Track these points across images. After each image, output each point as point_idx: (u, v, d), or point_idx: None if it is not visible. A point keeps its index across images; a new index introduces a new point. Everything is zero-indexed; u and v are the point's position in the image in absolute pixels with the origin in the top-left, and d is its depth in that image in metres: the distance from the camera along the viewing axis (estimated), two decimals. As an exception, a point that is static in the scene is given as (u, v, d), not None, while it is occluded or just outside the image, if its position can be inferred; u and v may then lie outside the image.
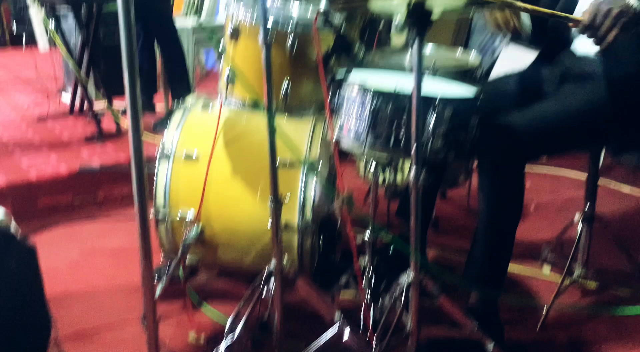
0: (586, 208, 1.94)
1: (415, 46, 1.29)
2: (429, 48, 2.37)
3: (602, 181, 2.88)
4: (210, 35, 4.06)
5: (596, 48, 1.59)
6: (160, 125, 3.67)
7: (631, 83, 1.58)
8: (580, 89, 1.64)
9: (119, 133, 3.48)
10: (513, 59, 3.39)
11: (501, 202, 1.60)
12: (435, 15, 1.24)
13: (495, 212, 1.61)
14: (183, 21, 4.33)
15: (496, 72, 3.62)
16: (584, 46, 1.72)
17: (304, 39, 1.69)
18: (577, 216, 1.96)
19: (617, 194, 2.88)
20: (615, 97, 1.58)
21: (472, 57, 2.32)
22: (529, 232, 2.36)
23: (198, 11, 4.72)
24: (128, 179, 1.22)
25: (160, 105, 3.91)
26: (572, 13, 1.69)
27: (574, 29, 1.69)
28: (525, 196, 1.62)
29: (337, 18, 1.62)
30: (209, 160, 1.88)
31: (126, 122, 3.21)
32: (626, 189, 2.91)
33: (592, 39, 1.45)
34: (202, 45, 4.29)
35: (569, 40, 1.77)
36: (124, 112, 3.67)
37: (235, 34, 1.73)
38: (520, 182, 1.60)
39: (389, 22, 2.49)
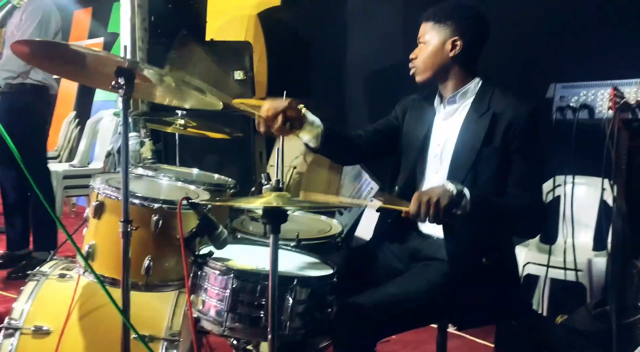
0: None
1: (271, 239, 1.38)
2: (295, 214, 2.50)
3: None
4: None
5: (438, 228, 1.80)
6: (15, 274, 3.41)
7: (463, 263, 1.75)
8: (426, 270, 1.79)
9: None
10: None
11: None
12: (287, 217, 1.35)
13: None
14: (54, 165, 4.22)
15: (363, 226, 3.87)
16: (428, 226, 1.93)
17: (168, 218, 1.72)
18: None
19: (474, 344, 3.04)
20: (455, 277, 1.74)
21: (335, 224, 2.48)
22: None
23: (71, 156, 4.64)
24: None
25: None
26: (416, 186, 1.91)
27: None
28: (389, 349, 1.66)
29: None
30: (61, 334, 1.77)
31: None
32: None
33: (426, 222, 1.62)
34: (73, 192, 4.16)
35: (414, 221, 1.97)
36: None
37: (99, 210, 1.73)
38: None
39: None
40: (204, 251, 1.67)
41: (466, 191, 1.61)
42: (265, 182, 2.34)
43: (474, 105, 1.85)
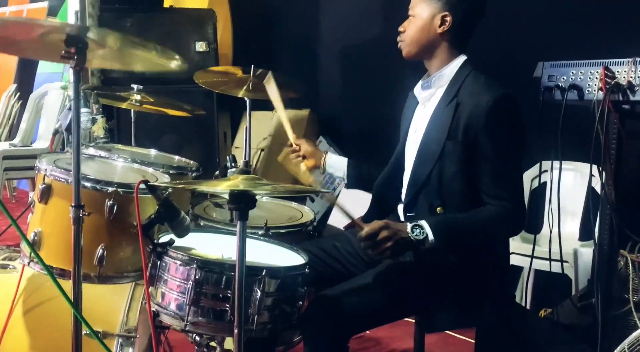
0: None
1: (238, 226, 1.39)
2: (263, 200, 2.51)
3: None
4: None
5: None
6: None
7: (428, 260, 1.78)
8: (399, 260, 1.81)
9: None
10: (352, 200, 3.67)
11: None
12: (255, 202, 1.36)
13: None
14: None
15: (337, 214, 3.90)
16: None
17: (124, 203, 1.71)
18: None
19: (453, 339, 3.11)
20: (420, 275, 1.77)
21: (306, 211, 2.49)
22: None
23: (12, 134, 4.53)
24: None
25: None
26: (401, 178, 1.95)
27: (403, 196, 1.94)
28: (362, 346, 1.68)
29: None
30: (3, 331, 1.75)
31: None
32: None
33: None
34: (13, 174, 4.07)
35: (393, 206, 2.00)
36: None
37: (46, 193, 1.71)
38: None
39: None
40: (164, 239, 1.67)
41: (430, 235, 1.67)
42: (231, 165, 2.34)
43: (446, 92, 1.86)
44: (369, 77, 3.89)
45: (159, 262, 1.62)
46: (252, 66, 2.74)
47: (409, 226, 1.70)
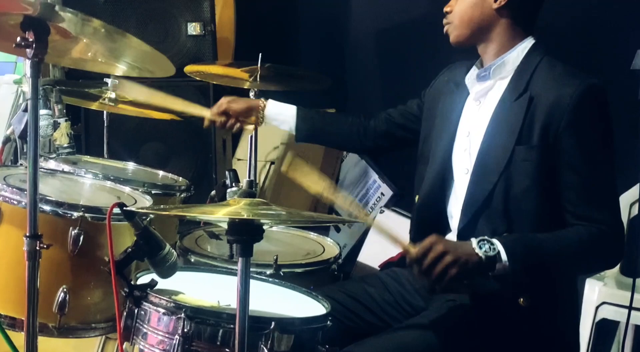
0: None
1: (240, 265, 1.40)
2: (273, 229, 2.52)
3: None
4: None
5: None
6: None
7: (491, 305, 1.79)
8: (448, 311, 1.82)
9: None
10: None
11: None
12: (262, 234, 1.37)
13: None
14: None
15: (369, 248, 3.90)
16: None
17: (93, 232, 1.74)
18: None
19: None
20: (479, 324, 1.78)
21: (330, 244, 2.50)
22: None
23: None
24: None
25: None
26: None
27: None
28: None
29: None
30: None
31: None
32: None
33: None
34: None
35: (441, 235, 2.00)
36: None
37: (-7, 219, 1.75)
38: None
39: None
40: (144, 279, 1.69)
41: (502, 253, 1.67)
42: (231, 184, 2.37)
43: (511, 84, 1.87)
44: (407, 70, 3.91)
45: (136, 310, 1.64)
46: (260, 55, 2.79)
47: (474, 240, 1.70)
